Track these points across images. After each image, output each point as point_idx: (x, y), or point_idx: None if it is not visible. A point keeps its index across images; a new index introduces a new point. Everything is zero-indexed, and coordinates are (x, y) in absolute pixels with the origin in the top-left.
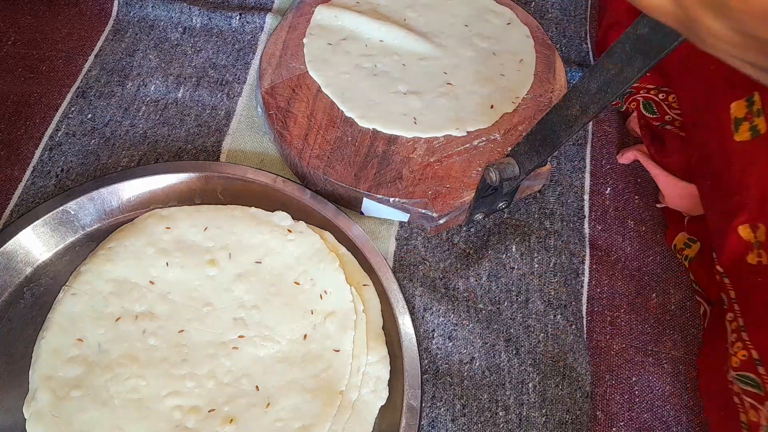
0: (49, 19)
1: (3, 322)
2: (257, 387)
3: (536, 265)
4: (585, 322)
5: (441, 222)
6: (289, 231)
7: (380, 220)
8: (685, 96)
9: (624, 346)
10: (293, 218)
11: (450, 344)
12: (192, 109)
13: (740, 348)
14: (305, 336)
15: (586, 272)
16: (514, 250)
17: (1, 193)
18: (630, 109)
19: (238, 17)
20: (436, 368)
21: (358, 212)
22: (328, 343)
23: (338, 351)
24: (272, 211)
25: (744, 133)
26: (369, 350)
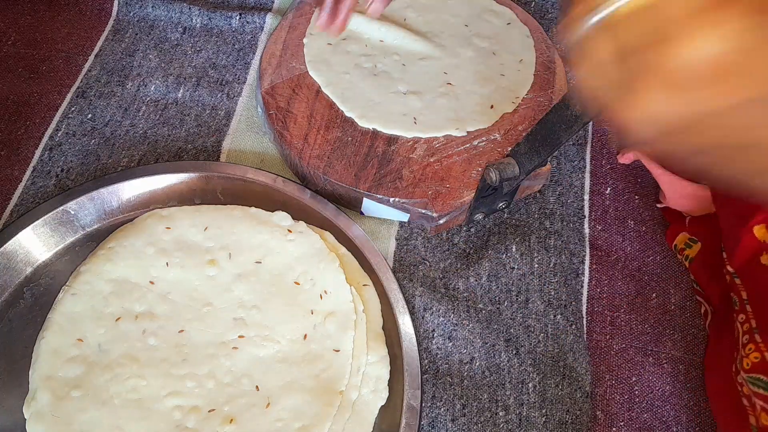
0: (49, 19)
1: (3, 322)
2: (257, 387)
3: (536, 265)
4: (585, 322)
5: (441, 222)
6: (289, 231)
7: (380, 220)
8: None
9: (624, 346)
10: (293, 218)
11: (450, 344)
12: (192, 109)
13: (752, 350)
14: (305, 336)
15: (586, 272)
16: (514, 250)
17: (1, 193)
18: None
19: (238, 17)
20: (436, 368)
21: (358, 212)
22: (328, 343)
23: (338, 351)
24: (272, 211)
25: None
26: (369, 350)
